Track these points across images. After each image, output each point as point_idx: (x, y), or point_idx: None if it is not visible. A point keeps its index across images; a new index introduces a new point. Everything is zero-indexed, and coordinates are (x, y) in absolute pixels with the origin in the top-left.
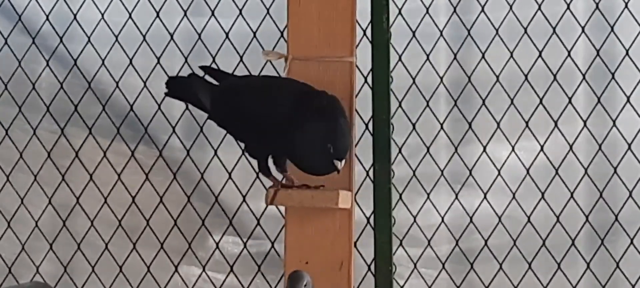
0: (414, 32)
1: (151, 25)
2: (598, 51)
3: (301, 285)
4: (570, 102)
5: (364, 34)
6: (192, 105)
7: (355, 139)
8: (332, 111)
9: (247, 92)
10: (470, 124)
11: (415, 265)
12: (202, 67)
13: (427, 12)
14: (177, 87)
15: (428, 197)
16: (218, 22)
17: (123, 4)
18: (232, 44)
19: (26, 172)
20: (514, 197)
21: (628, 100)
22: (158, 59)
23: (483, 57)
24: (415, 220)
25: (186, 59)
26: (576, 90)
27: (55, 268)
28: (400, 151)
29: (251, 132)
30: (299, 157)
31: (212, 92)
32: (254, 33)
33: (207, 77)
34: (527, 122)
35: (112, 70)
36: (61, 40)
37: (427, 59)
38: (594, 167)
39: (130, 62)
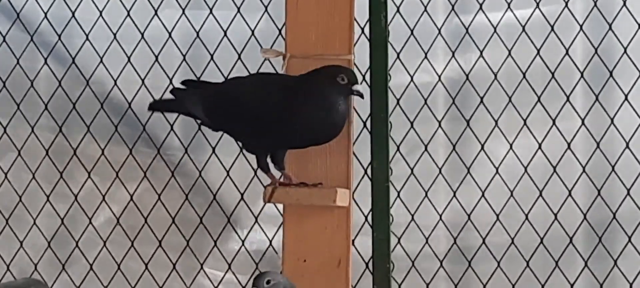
0: (412, 30)
1: (149, 23)
2: (596, 49)
3: (263, 282)
4: (568, 100)
5: (362, 31)
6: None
7: (353, 137)
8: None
9: (239, 90)
10: (468, 122)
11: (413, 262)
12: (183, 82)
13: (425, 10)
14: (162, 106)
15: (426, 195)
16: (216, 20)
17: (121, 2)
18: (230, 41)
19: (24, 170)
20: (511, 195)
21: (626, 98)
22: (156, 56)
23: (481, 55)
24: (413, 218)
25: (184, 56)
26: (574, 88)
27: (53, 266)
28: (398, 149)
29: (249, 128)
30: (312, 124)
31: (203, 100)
32: (252, 31)
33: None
34: (525, 120)
35: (110, 68)
36: (59, 38)
37: (425, 57)
38: (592, 165)
39: (129, 60)
